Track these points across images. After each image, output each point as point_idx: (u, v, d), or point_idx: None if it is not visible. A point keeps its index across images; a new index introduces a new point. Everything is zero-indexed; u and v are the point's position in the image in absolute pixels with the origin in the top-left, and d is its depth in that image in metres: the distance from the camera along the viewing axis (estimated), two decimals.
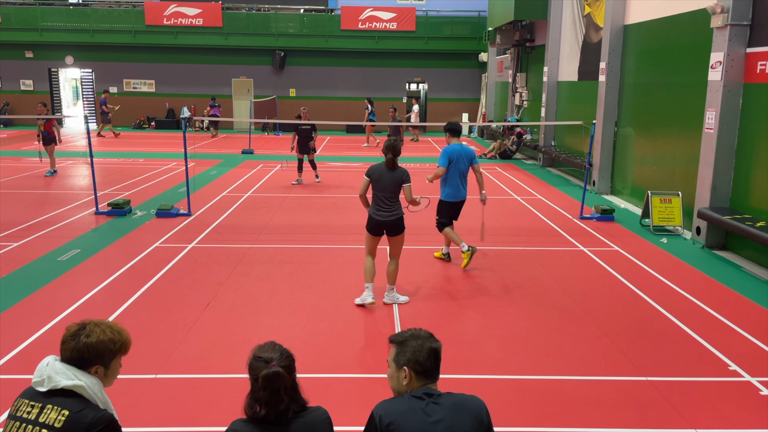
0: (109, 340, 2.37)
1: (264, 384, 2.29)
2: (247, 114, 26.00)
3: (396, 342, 2.56)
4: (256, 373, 2.32)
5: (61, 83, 29.03)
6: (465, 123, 25.99)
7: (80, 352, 2.34)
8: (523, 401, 4.61)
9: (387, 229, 6.42)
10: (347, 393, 4.69)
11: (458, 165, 7.62)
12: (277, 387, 2.30)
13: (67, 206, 11.07)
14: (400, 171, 6.37)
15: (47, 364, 2.36)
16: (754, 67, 8.37)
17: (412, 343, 2.50)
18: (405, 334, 2.56)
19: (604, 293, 7.04)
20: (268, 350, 2.39)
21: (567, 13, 16.66)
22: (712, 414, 4.47)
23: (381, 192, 6.34)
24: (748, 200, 8.55)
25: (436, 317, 6.25)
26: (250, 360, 2.39)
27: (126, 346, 2.46)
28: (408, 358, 2.48)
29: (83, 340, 2.34)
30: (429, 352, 2.49)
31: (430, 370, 2.49)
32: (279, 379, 2.30)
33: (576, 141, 15.62)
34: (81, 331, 2.36)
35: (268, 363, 2.33)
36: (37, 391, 2.32)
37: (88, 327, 2.38)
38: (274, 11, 27.04)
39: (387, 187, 6.32)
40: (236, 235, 9.25)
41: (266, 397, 2.29)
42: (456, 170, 7.63)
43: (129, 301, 6.49)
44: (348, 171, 15.70)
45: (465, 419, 2.41)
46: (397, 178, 6.32)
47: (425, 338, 2.53)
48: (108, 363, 2.41)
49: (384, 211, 6.36)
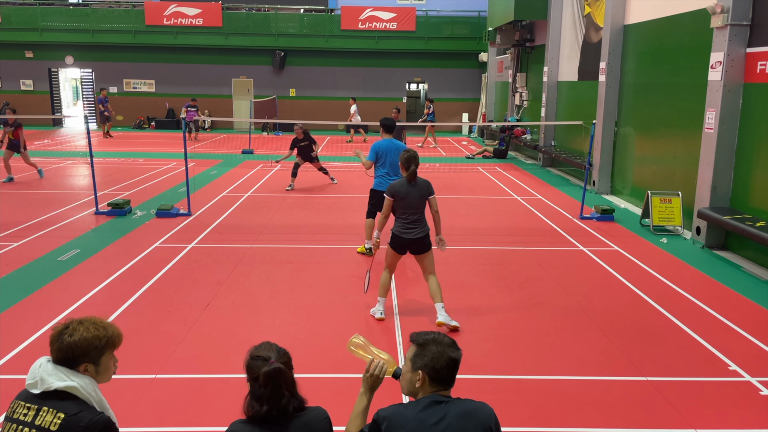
0: (93, 337, 2.33)
1: (266, 381, 2.29)
2: (247, 114, 25.99)
3: (417, 343, 2.50)
4: (256, 371, 2.33)
5: (61, 83, 29.03)
6: (465, 123, 26.00)
7: (65, 351, 2.30)
8: (523, 401, 4.61)
9: (414, 247, 5.96)
10: (347, 393, 4.68)
11: (386, 158, 8.03)
12: (279, 383, 2.31)
13: (67, 206, 11.07)
14: (423, 183, 5.95)
15: (39, 366, 2.33)
16: (754, 67, 8.37)
17: (432, 348, 2.45)
18: (427, 337, 2.50)
19: (604, 293, 7.04)
20: (265, 349, 2.40)
21: (567, 13, 16.66)
22: (712, 414, 4.47)
23: (408, 210, 5.88)
24: (748, 200, 8.55)
25: (435, 317, 6.24)
26: (248, 360, 2.39)
27: (113, 341, 2.41)
28: (425, 363, 2.43)
29: (66, 340, 2.30)
30: (448, 361, 2.44)
31: (445, 378, 2.45)
32: (281, 375, 2.32)
33: (576, 141, 15.62)
34: (65, 331, 2.33)
35: (267, 361, 2.34)
36: (33, 393, 2.30)
37: (71, 326, 2.34)
38: (274, 11, 27.03)
39: (414, 203, 5.88)
40: (236, 235, 9.25)
41: (268, 393, 2.29)
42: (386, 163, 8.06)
43: (129, 301, 6.49)
44: (348, 171, 15.69)
45: (472, 428, 2.37)
46: (424, 192, 5.92)
47: (447, 345, 2.47)
48: (97, 360, 2.36)
49: (414, 227, 5.91)
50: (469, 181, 13.20)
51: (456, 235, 9.17)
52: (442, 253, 8.25)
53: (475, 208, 11.51)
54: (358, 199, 12.25)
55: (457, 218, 10.46)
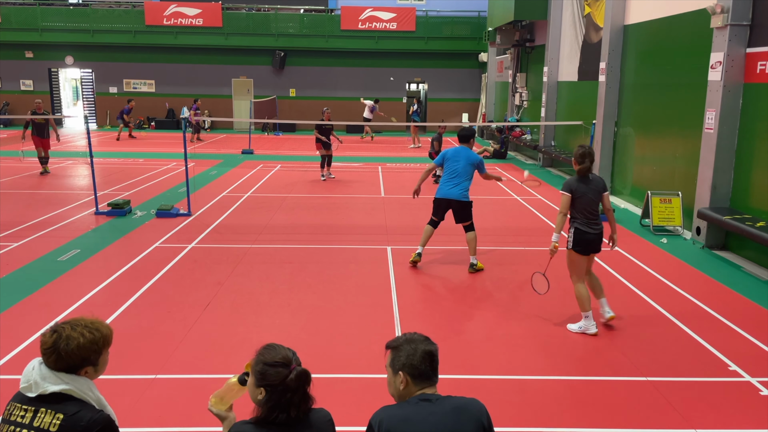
0: (89, 342, 2.28)
1: (295, 386, 2.25)
2: (247, 114, 25.99)
3: (391, 347, 2.54)
4: (276, 379, 2.24)
5: (61, 83, 29.02)
6: (465, 123, 25.99)
7: (65, 362, 2.25)
8: (523, 401, 4.61)
9: (598, 245, 5.94)
10: (347, 393, 4.69)
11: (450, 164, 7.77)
12: (306, 386, 2.29)
13: (67, 206, 11.07)
14: (596, 179, 5.90)
15: (33, 369, 2.29)
16: (754, 67, 8.37)
17: (406, 347, 2.48)
18: (400, 339, 2.54)
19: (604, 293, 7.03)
20: (278, 354, 2.32)
21: (567, 13, 16.66)
22: (712, 414, 4.47)
23: (588, 206, 5.82)
24: (748, 200, 8.55)
25: (436, 318, 6.25)
26: (261, 368, 2.28)
27: (108, 340, 2.37)
28: (403, 362, 2.46)
29: (64, 350, 2.24)
30: (423, 354, 2.46)
31: (426, 373, 2.47)
32: (308, 377, 2.30)
33: (576, 141, 15.61)
34: (59, 341, 2.25)
35: (288, 366, 2.28)
36: (28, 396, 2.27)
37: (64, 334, 2.26)
38: (274, 11, 27.04)
39: (593, 199, 5.83)
40: (236, 235, 9.25)
41: (298, 399, 2.26)
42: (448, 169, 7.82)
43: (129, 301, 6.48)
44: (349, 170, 15.69)
45: (465, 423, 2.39)
46: (600, 187, 5.87)
47: (419, 342, 2.50)
48: (96, 361, 2.34)
49: (595, 224, 5.87)
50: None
51: (456, 235, 9.17)
52: (443, 254, 8.25)
53: (474, 209, 11.48)
54: (358, 198, 12.25)
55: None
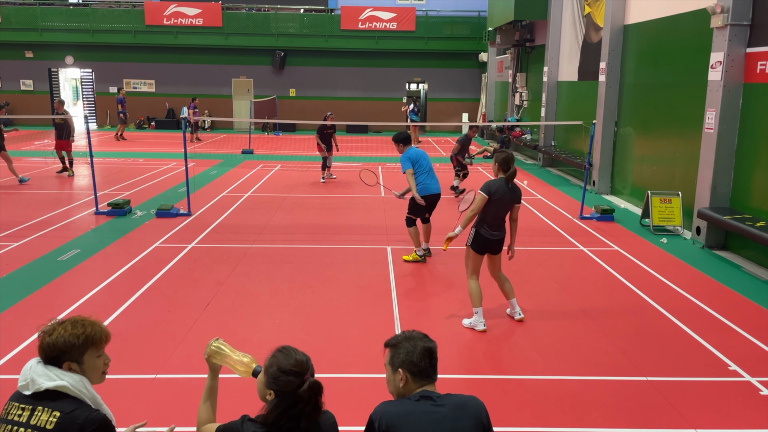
0: (70, 335, 2.33)
1: (308, 396, 2.24)
2: (247, 114, 25.99)
3: (390, 345, 2.55)
4: (288, 387, 2.24)
5: (61, 83, 29.03)
6: (465, 123, 25.98)
7: (45, 351, 2.34)
8: (524, 401, 4.61)
9: (495, 247, 6.06)
10: (347, 393, 4.69)
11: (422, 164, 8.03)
12: (319, 396, 2.28)
13: (67, 206, 11.07)
14: (516, 188, 5.93)
15: (30, 368, 2.34)
16: (754, 67, 8.37)
17: (405, 344, 2.49)
18: (398, 337, 2.55)
19: (604, 293, 7.04)
20: (294, 360, 2.30)
21: (567, 13, 16.66)
22: (712, 414, 4.47)
23: (499, 212, 5.89)
24: (748, 200, 8.55)
25: (436, 317, 6.25)
26: (275, 372, 2.27)
27: (93, 339, 2.37)
28: (402, 360, 2.47)
29: (46, 340, 2.34)
30: (422, 351, 2.47)
31: (425, 370, 2.47)
32: (321, 389, 2.29)
33: (576, 141, 15.62)
34: (45, 334, 2.36)
35: (302, 375, 2.26)
36: (25, 395, 2.31)
37: (52, 326, 2.38)
38: (274, 11, 27.04)
39: (507, 206, 5.91)
40: (236, 235, 9.25)
41: (310, 410, 2.26)
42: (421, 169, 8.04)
43: (129, 301, 6.48)
44: (348, 171, 15.68)
45: (466, 421, 2.40)
46: (517, 196, 5.91)
47: (418, 339, 2.51)
48: (78, 358, 2.35)
49: (498, 231, 5.97)
50: (468, 181, 13.17)
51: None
52: (443, 254, 8.25)
53: None
54: (358, 198, 12.25)
55: (457, 218, 10.43)
